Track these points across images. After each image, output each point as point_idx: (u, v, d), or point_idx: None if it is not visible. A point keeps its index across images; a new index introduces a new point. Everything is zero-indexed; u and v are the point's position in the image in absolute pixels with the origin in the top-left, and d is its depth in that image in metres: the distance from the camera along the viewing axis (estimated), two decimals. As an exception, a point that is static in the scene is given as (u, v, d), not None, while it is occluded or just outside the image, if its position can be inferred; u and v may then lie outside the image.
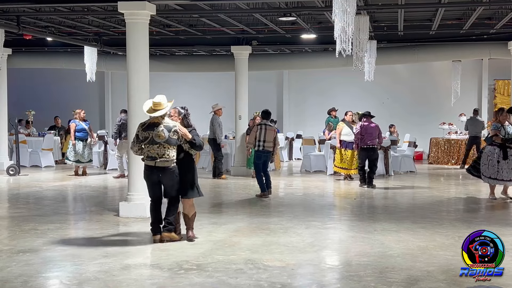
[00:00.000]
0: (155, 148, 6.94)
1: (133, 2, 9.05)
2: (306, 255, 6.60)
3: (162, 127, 6.92)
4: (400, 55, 16.96)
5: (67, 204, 10.80)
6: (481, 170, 10.64)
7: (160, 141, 6.91)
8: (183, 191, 7.15)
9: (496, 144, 10.50)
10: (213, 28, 14.46)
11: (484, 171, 10.57)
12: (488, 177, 10.56)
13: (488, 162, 10.51)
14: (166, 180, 7.06)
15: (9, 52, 16.04)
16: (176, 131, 6.95)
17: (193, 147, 7.09)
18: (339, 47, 8.31)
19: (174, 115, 7.21)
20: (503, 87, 20.12)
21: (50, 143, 17.09)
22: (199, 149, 7.24)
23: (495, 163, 10.46)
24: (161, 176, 7.04)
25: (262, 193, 11.09)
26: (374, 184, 12.45)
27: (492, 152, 10.49)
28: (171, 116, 7.20)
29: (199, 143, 7.10)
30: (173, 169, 7.02)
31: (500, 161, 10.44)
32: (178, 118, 7.20)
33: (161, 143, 6.92)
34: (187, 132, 7.03)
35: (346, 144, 13.60)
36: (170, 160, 6.97)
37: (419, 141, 18.01)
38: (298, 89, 21.83)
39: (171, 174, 7.02)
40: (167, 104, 7.01)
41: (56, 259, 6.48)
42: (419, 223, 8.45)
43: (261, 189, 11.14)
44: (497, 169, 10.44)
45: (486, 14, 12.86)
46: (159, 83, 20.90)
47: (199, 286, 5.43)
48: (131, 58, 9.17)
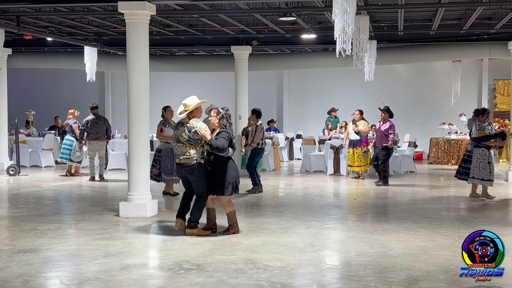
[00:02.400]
0: (180, 146, 7.43)
1: (133, 2, 9.05)
2: (306, 255, 6.61)
3: (185, 127, 7.37)
4: (400, 55, 16.96)
5: (67, 204, 10.80)
6: (470, 173, 10.65)
7: (182, 140, 7.37)
8: (214, 189, 7.43)
9: (484, 146, 10.57)
10: (213, 28, 14.46)
11: (476, 173, 10.61)
12: (481, 179, 10.61)
13: (479, 164, 10.58)
14: (189, 176, 7.45)
15: (9, 52, 16.04)
16: (196, 132, 7.29)
17: (211, 148, 7.28)
18: (339, 47, 8.30)
19: (213, 115, 7.51)
20: (503, 87, 20.13)
21: (50, 143, 17.09)
22: (217, 151, 7.26)
23: (486, 164, 10.58)
24: (185, 172, 7.45)
25: (256, 188, 11.54)
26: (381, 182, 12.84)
27: (481, 154, 10.57)
28: (211, 116, 7.55)
29: (216, 145, 7.19)
30: (195, 166, 7.34)
31: (490, 162, 10.61)
32: (216, 118, 7.45)
33: (183, 142, 7.36)
34: (206, 134, 7.27)
35: (349, 143, 13.96)
36: (191, 158, 7.34)
37: (419, 141, 18.02)
38: (298, 89, 21.83)
39: (193, 171, 7.36)
40: (192, 105, 7.42)
41: (56, 259, 6.48)
42: (419, 223, 8.45)
43: (255, 184, 11.60)
44: (489, 171, 10.57)
45: (486, 14, 12.86)
46: (159, 83, 20.96)
47: (199, 286, 5.43)
48: (131, 58, 9.17)
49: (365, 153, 13.76)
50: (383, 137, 12.87)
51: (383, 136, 12.87)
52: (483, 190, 10.76)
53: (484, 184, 10.70)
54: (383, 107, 13.27)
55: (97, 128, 13.67)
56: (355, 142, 13.79)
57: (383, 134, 12.88)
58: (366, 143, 13.85)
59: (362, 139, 13.76)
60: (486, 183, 10.66)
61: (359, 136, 13.73)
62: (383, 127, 12.94)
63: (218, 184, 7.35)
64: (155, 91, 17.12)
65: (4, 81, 16.18)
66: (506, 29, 13.81)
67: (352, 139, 13.83)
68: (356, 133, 13.70)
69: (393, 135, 12.95)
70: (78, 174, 14.48)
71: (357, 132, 13.71)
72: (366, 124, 13.87)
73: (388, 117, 13.01)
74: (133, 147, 9.18)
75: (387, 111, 13.09)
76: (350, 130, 13.95)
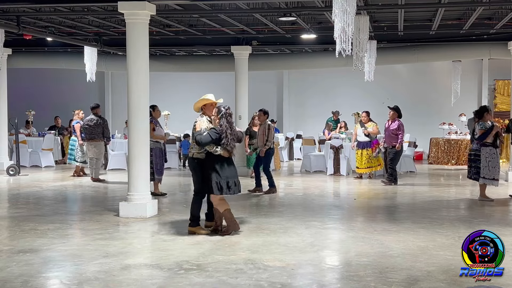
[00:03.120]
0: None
1: (133, 2, 9.05)
2: (306, 255, 6.61)
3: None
4: (400, 55, 16.96)
5: (67, 204, 10.79)
6: (481, 173, 10.48)
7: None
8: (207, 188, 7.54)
9: (489, 144, 10.48)
10: (213, 28, 14.46)
11: (486, 173, 10.46)
12: (492, 179, 10.50)
13: (488, 164, 10.46)
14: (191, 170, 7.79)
15: (9, 52, 16.04)
16: (194, 127, 7.49)
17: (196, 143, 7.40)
18: (339, 47, 8.30)
19: (213, 114, 7.54)
20: (503, 87, 20.13)
21: (50, 143, 17.08)
22: (197, 144, 7.34)
23: (496, 163, 10.49)
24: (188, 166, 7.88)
25: (273, 189, 11.68)
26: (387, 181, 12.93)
27: (489, 153, 10.47)
28: (212, 114, 7.59)
29: (196, 139, 7.29)
30: (193, 161, 7.58)
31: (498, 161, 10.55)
32: (217, 117, 7.46)
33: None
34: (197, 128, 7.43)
35: (358, 144, 13.94)
36: (192, 153, 7.60)
37: (419, 141, 18.01)
38: (298, 89, 21.83)
39: (190, 166, 7.72)
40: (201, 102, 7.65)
41: (56, 259, 6.48)
42: (419, 223, 8.45)
43: (271, 185, 11.73)
44: (498, 170, 10.52)
45: (486, 14, 12.86)
46: (159, 83, 20.96)
47: (199, 286, 5.43)
48: (131, 58, 9.17)
49: (377, 154, 13.74)
50: (392, 136, 12.88)
51: (392, 135, 12.88)
52: (482, 191, 10.70)
53: (493, 184, 10.57)
54: (393, 106, 13.22)
55: (91, 129, 13.48)
56: (365, 143, 13.76)
57: (392, 134, 12.89)
58: (377, 144, 13.83)
59: (372, 140, 13.75)
60: (495, 183, 10.55)
61: (369, 138, 13.71)
62: (391, 126, 12.96)
63: (206, 183, 7.43)
64: (155, 91, 17.13)
65: (4, 81, 16.18)
66: (506, 29, 13.81)
67: (361, 141, 13.82)
68: (366, 135, 13.68)
69: (402, 136, 12.93)
70: (83, 174, 14.48)
71: (367, 135, 13.66)
72: (375, 125, 13.82)
73: (396, 117, 12.98)
74: (133, 147, 9.18)
75: (396, 110, 13.04)
76: (359, 132, 13.90)
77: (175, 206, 10.11)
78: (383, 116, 17.63)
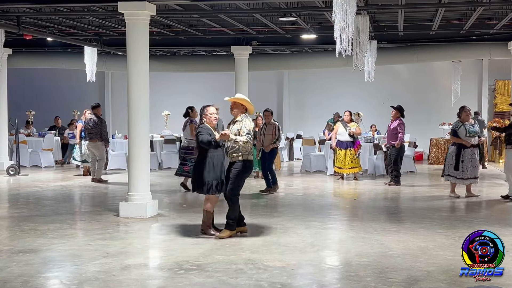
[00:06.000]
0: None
1: (133, 2, 9.05)
2: (306, 255, 6.60)
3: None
4: (400, 55, 16.97)
5: (67, 204, 10.78)
6: (464, 175, 10.76)
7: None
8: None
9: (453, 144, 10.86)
10: (213, 28, 14.47)
11: (470, 174, 10.78)
12: (473, 178, 10.84)
13: (471, 165, 10.74)
14: None
15: (9, 52, 16.05)
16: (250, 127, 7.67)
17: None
18: (339, 47, 8.29)
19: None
20: (503, 87, 20.13)
21: (50, 143, 17.08)
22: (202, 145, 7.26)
23: (476, 163, 10.83)
24: None
25: (275, 186, 11.79)
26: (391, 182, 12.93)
27: (470, 153, 10.72)
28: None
29: (201, 140, 7.23)
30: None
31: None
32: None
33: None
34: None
35: (340, 144, 13.62)
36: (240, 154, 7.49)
37: (419, 141, 18.01)
38: (298, 89, 21.83)
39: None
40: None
41: (56, 259, 6.47)
42: (419, 223, 8.45)
43: (274, 183, 11.82)
44: (477, 169, 10.91)
45: (486, 14, 12.87)
46: (159, 83, 20.96)
47: (199, 286, 5.43)
48: (131, 58, 9.17)
49: (358, 155, 13.64)
50: (393, 135, 12.82)
51: (392, 134, 12.84)
52: (468, 188, 10.98)
53: (475, 183, 11.01)
54: (396, 106, 13.16)
55: (90, 129, 13.36)
56: (348, 143, 13.47)
57: (392, 133, 12.85)
58: (360, 145, 13.74)
59: (356, 141, 13.59)
60: (476, 181, 10.99)
61: (352, 138, 13.44)
62: (392, 125, 12.92)
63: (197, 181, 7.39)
64: (155, 91, 17.12)
65: (4, 81, 16.18)
66: (506, 29, 13.82)
67: (344, 140, 13.47)
68: (350, 136, 13.48)
69: (402, 134, 12.81)
70: (90, 175, 14.45)
71: (351, 135, 13.44)
72: (357, 125, 13.75)
73: (398, 116, 12.92)
74: (133, 147, 9.18)
75: (399, 109, 12.97)
76: (340, 131, 13.57)
77: (175, 206, 10.12)
78: (383, 116, 17.70)
